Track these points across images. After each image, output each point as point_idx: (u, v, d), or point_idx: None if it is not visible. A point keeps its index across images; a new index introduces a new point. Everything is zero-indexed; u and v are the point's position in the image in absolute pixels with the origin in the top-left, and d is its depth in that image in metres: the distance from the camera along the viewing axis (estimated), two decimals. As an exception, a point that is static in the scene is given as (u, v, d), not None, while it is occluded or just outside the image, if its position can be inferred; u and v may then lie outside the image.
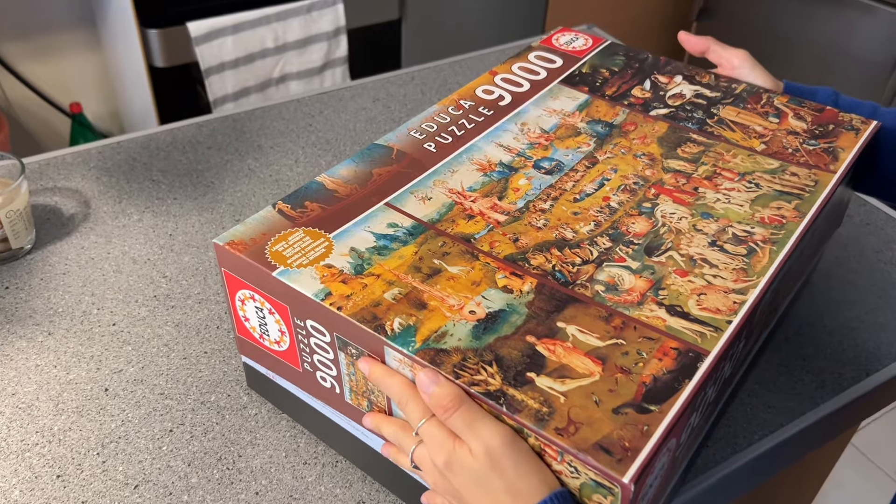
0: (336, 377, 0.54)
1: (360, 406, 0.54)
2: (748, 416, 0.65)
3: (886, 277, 0.82)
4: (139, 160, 0.93)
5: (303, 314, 0.52)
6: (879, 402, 0.73)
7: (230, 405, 0.65)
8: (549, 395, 0.45)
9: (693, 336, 0.49)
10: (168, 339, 0.70)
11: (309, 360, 0.55)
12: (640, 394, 0.45)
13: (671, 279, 0.53)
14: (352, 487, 0.59)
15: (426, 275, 0.52)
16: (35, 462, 0.60)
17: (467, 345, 0.48)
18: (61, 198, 0.86)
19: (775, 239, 0.56)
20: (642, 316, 0.50)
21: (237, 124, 1.00)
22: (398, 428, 0.51)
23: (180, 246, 0.81)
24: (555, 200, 0.59)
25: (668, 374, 0.46)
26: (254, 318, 0.57)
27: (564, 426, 0.43)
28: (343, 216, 0.57)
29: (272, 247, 0.54)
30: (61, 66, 1.80)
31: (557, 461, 0.44)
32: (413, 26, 1.90)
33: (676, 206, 0.59)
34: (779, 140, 0.66)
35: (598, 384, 0.46)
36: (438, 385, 0.46)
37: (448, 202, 0.58)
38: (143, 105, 1.67)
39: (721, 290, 0.52)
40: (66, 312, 0.73)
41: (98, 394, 0.65)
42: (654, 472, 0.44)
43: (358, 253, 0.53)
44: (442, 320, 0.49)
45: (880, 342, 0.74)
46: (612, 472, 0.41)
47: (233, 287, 0.56)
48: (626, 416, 0.44)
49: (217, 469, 0.60)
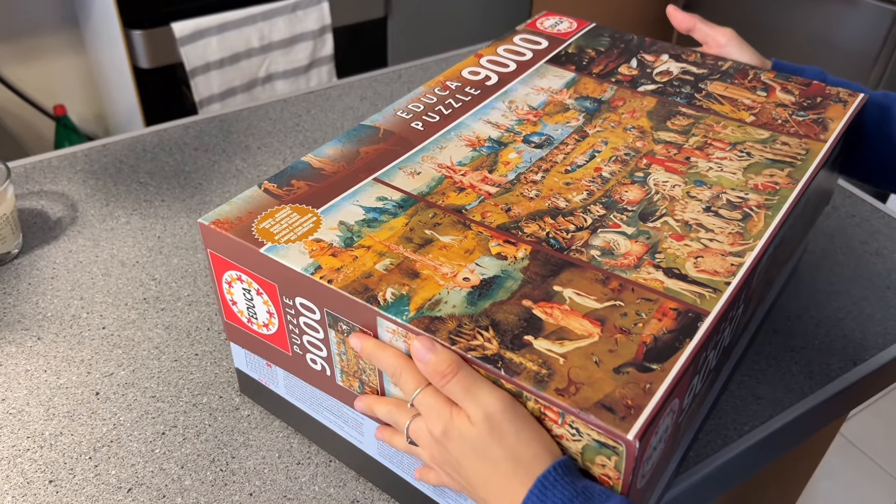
0: (326, 358, 0.53)
1: (352, 388, 0.53)
2: (738, 408, 0.66)
3: (872, 268, 0.82)
4: (126, 162, 0.92)
5: (291, 291, 0.51)
6: (867, 392, 0.73)
7: (222, 407, 0.65)
8: (547, 357, 0.44)
9: (692, 297, 0.48)
10: (158, 342, 0.70)
11: (298, 341, 0.54)
12: (641, 353, 0.44)
13: (667, 243, 0.52)
14: (345, 487, 0.59)
15: (418, 245, 0.51)
16: (27, 468, 0.60)
17: (462, 311, 0.47)
18: (48, 201, 0.86)
19: (770, 204, 0.56)
20: (639, 278, 0.49)
21: (224, 125, 1.00)
22: (392, 406, 0.50)
23: (169, 248, 0.81)
24: (546, 172, 0.59)
25: (669, 334, 0.46)
26: (241, 301, 0.56)
27: (565, 387, 0.42)
28: (331, 192, 0.56)
29: (259, 224, 0.53)
30: (45, 69, 1.78)
31: (558, 424, 0.43)
32: (399, 24, 1.90)
33: (669, 175, 0.58)
34: (768, 112, 0.66)
35: (598, 345, 0.45)
36: (434, 352, 0.45)
37: (438, 176, 0.58)
38: (129, 106, 1.66)
39: (718, 252, 0.51)
40: (55, 317, 0.72)
41: (89, 398, 0.65)
42: (657, 433, 0.43)
43: (347, 226, 0.53)
44: (435, 288, 0.48)
45: (867, 332, 0.74)
46: (616, 429, 0.40)
47: (219, 268, 0.55)
48: (627, 375, 0.43)
49: (210, 471, 0.60)
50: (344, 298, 0.48)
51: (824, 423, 0.72)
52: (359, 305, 0.47)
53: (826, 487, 1.62)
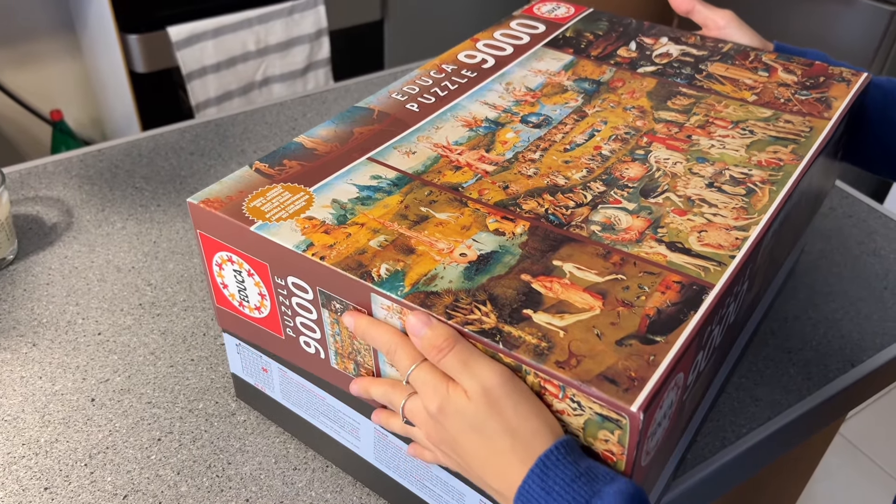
0: (320, 340, 0.52)
1: (347, 370, 0.52)
2: (736, 410, 0.66)
3: (869, 269, 0.82)
4: (122, 167, 0.92)
5: (283, 271, 0.50)
6: (865, 393, 0.73)
7: (218, 412, 0.64)
8: (547, 330, 0.43)
9: (696, 270, 0.47)
10: (154, 348, 0.70)
11: (291, 324, 0.53)
12: (644, 325, 0.43)
13: (669, 218, 0.51)
14: (342, 492, 0.59)
15: (413, 222, 0.50)
16: (22, 475, 0.59)
17: (459, 286, 0.46)
18: (43, 207, 0.86)
19: (774, 180, 0.55)
20: (642, 252, 0.48)
21: (220, 129, 0.99)
22: (387, 386, 0.49)
23: (165, 253, 0.80)
24: (544, 151, 0.58)
25: (673, 307, 0.44)
26: (232, 284, 0.55)
27: (566, 359, 0.41)
28: (323, 171, 0.55)
29: (249, 203, 0.52)
30: (41, 74, 1.78)
31: (559, 399, 0.42)
32: (395, 27, 1.90)
33: (670, 152, 0.58)
34: (770, 91, 0.65)
35: (599, 318, 0.44)
36: (430, 327, 0.43)
37: (433, 155, 0.57)
38: (125, 111, 1.66)
39: (722, 227, 0.50)
40: (50, 323, 0.72)
41: (84, 404, 0.65)
42: (662, 407, 0.42)
43: (340, 204, 0.52)
44: (431, 264, 0.47)
45: (864, 333, 0.74)
46: (619, 401, 0.39)
47: (209, 250, 0.54)
48: (630, 347, 0.42)
49: (207, 477, 0.60)
50: (337, 275, 0.47)
51: (823, 425, 0.72)
52: (352, 282, 0.46)
53: (825, 488, 1.61)
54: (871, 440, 1.72)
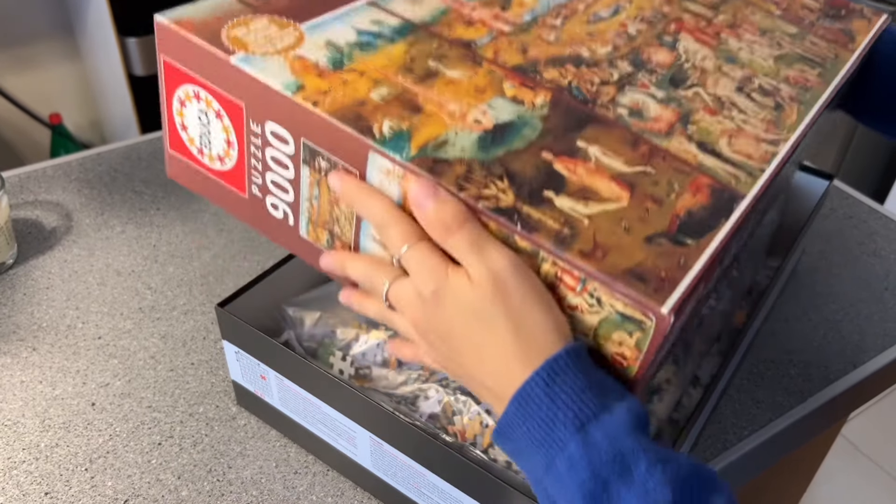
0: (292, 204, 0.45)
1: (318, 242, 0.46)
2: (737, 413, 0.66)
3: (870, 269, 0.82)
4: (121, 171, 0.92)
5: (262, 114, 0.43)
6: (867, 394, 0.73)
7: (219, 416, 0.64)
8: (570, 216, 0.39)
9: (727, 176, 0.44)
10: (154, 352, 0.70)
11: (259, 181, 0.46)
12: (675, 225, 0.40)
13: (700, 115, 0.48)
14: (343, 496, 0.59)
15: (420, 77, 0.44)
16: (22, 480, 0.59)
17: (473, 155, 0.41)
18: (43, 211, 0.86)
19: (802, 100, 0.52)
20: (671, 147, 0.45)
21: (219, 132, 0.99)
22: (369, 264, 0.43)
23: (164, 257, 0.80)
24: (566, 19, 0.53)
25: (704, 211, 0.41)
26: (194, 126, 0.47)
27: (590, 250, 0.37)
28: (317, 7, 0.47)
29: (231, 30, 0.44)
30: (40, 77, 1.78)
31: (575, 292, 0.38)
32: None
33: (699, 46, 0.54)
34: (794, 9, 0.63)
35: (627, 211, 0.40)
36: (438, 199, 0.38)
37: (442, 7, 0.50)
38: (124, 114, 1.66)
39: (752, 136, 0.47)
40: (50, 327, 0.72)
41: (85, 408, 0.65)
42: (684, 315, 0.38)
43: (336, 47, 0.44)
44: (441, 128, 0.41)
45: (865, 334, 0.74)
46: (650, 300, 0.36)
47: (172, 81, 0.46)
48: (660, 246, 0.39)
49: (207, 481, 0.59)
50: (330, 127, 0.40)
51: (824, 426, 0.72)
52: (348, 137, 0.40)
53: (827, 490, 1.61)
54: (872, 442, 1.72)
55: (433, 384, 0.56)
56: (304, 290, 0.65)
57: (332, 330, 0.61)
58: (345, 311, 0.62)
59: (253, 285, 0.60)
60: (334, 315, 0.62)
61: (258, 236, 0.83)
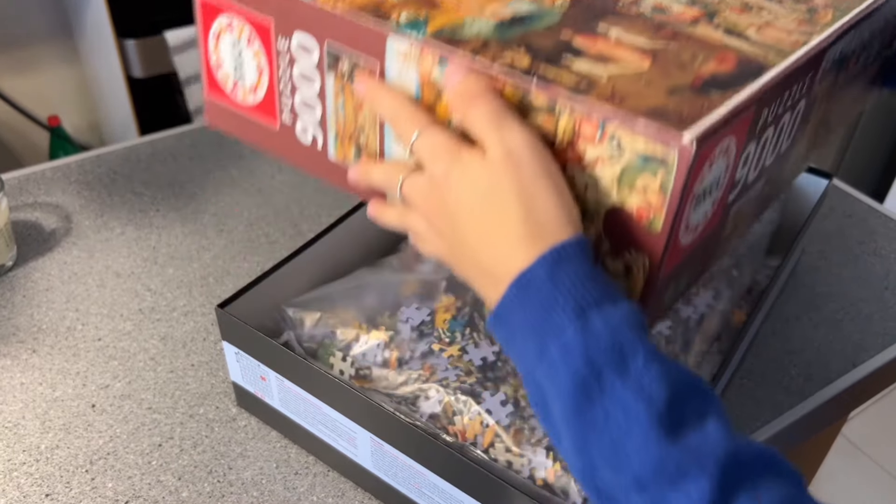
0: (320, 122, 0.48)
1: (346, 159, 0.48)
2: (737, 412, 0.66)
3: (870, 268, 0.82)
4: (120, 173, 0.92)
5: (289, 26, 0.46)
6: (867, 393, 0.73)
7: (219, 417, 0.64)
8: (588, 74, 0.38)
9: (756, 52, 0.42)
10: (154, 353, 0.70)
11: (289, 104, 0.49)
12: (700, 82, 0.39)
13: (727, 14, 0.46)
14: (344, 497, 0.59)
15: None
16: (23, 482, 0.59)
17: (489, 36, 0.41)
18: (42, 213, 0.86)
19: (837, 6, 0.49)
20: (696, 32, 0.43)
21: (218, 134, 0.99)
22: (389, 167, 0.43)
23: (164, 258, 0.80)
24: None
25: (729, 76, 0.39)
26: (228, 60, 0.50)
27: (609, 95, 0.37)
28: None
29: None
30: (38, 79, 1.78)
31: (595, 143, 0.37)
32: None
33: None
34: None
35: (649, 72, 0.39)
36: (464, 74, 0.39)
37: None
38: (123, 116, 1.66)
39: (783, 29, 0.45)
40: (50, 329, 0.72)
41: (85, 410, 0.65)
42: (712, 162, 0.37)
43: None
44: (458, 17, 0.42)
45: (865, 333, 0.74)
46: (671, 129, 0.34)
47: (207, 17, 0.50)
48: (682, 95, 0.37)
49: (208, 482, 0.59)
50: (349, 24, 0.43)
51: (824, 426, 0.72)
52: (366, 29, 0.42)
53: (827, 490, 1.61)
54: (873, 441, 1.72)
55: (433, 384, 0.56)
56: (303, 290, 0.65)
57: (332, 330, 0.61)
58: (345, 312, 0.62)
59: (253, 286, 0.60)
60: (334, 315, 0.62)
61: (258, 237, 0.83)
